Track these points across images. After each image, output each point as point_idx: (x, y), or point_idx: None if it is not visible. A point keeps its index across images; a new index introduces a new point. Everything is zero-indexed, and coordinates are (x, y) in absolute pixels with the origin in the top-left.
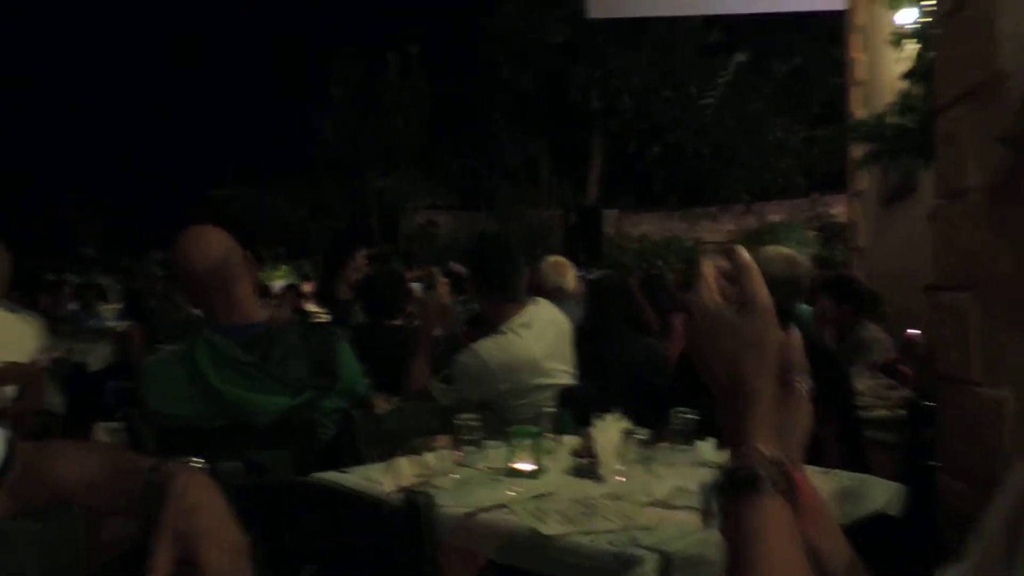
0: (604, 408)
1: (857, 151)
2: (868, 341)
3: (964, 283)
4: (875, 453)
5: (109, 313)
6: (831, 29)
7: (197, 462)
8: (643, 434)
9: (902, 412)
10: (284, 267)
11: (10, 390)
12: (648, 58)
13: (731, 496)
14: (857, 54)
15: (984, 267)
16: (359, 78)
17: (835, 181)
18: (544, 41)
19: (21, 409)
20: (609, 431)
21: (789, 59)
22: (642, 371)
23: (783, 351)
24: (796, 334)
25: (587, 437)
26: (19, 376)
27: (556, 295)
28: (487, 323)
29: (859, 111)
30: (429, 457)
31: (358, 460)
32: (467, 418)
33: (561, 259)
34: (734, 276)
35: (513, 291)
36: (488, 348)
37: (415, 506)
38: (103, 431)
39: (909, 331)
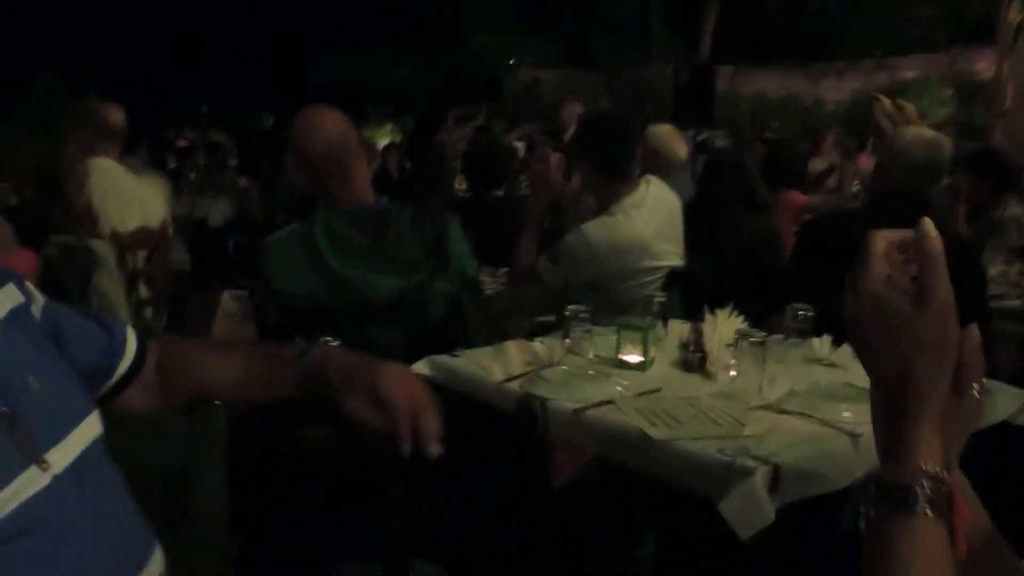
0: (715, 290)
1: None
2: (1006, 221)
3: None
4: (1004, 348)
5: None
6: None
7: (332, 341)
8: (756, 336)
9: None
10: (389, 125)
11: (141, 253)
12: None
13: (881, 511)
14: None
15: None
16: None
17: (984, 32)
18: None
19: (152, 271)
20: (721, 327)
21: None
22: (755, 250)
23: (961, 351)
24: (975, 333)
25: (697, 331)
26: (149, 240)
27: (666, 166)
28: (597, 203)
29: None
30: (538, 345)
31: (468, 342)
32: (576, 309)
33: (670, 128)
34: (911, 257)
35: (625, 172)
36: (596, 229)
37: (530, 412)
38: (229, 298)
39: None
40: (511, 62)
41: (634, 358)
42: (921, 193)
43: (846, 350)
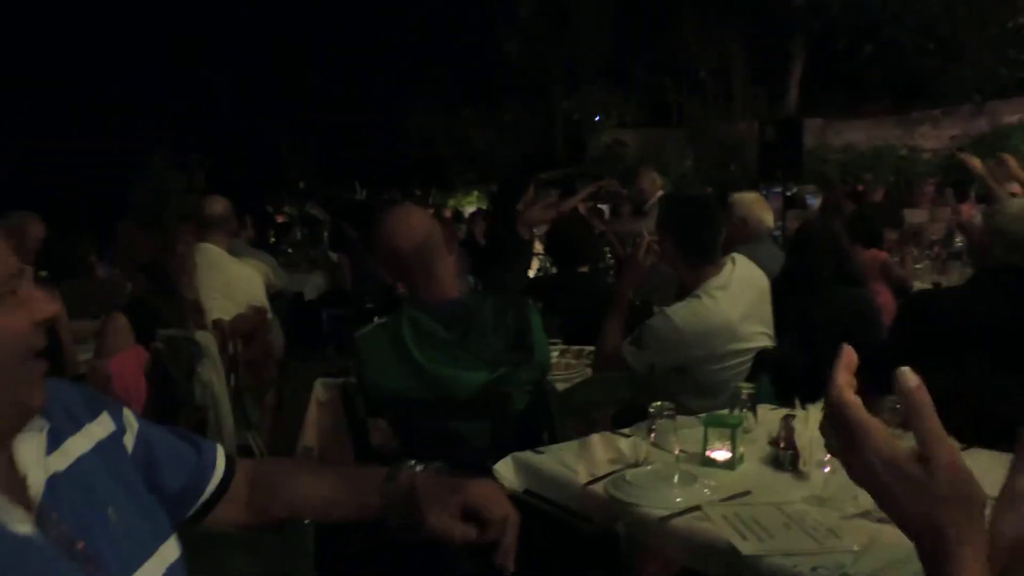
0: (807, 371)
1: None
2: None
3: None
4: None
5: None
6: None
7: (417, 466)
8: None
9: None
10: (476, 192)
11: (239, 339)
12: None
13: None
14: None
15: None
16: None
17: None
18: None
19: (251, 355)
20: (814, 421)
21: None
22: (852, 327)
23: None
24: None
25: (788, 427)
26: (248, 325)
27: (753, 236)
28: (682, 286)
29: None
30: (623, 441)
31: (552, 432)
32: (661, 405)
33: (756, 196)
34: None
35: (710, 255)
36: (682, 314)
37: (614, 535)
38: (321, 386)
39: None
40: (596, 119)
41: (722, 455)
42: None
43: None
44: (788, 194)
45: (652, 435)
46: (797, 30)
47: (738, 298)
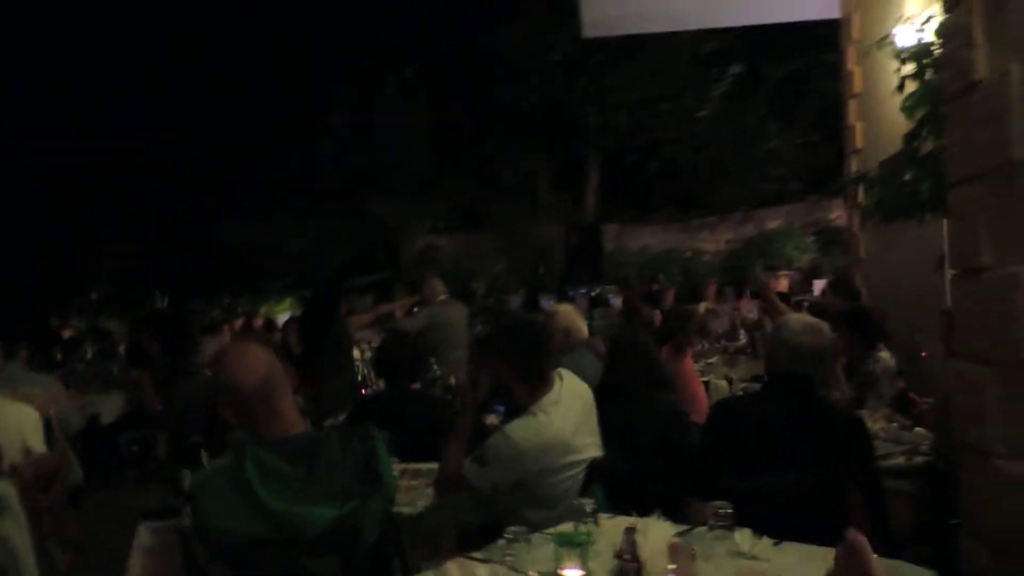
0: (632, 476)
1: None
2: (878, 374)
3: (984, 357)
4: (893, 504)
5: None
6: (826, 35)
7: None
8: (690, 536)
9: (918, 459)
10: (289, 299)
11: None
12: (644, 72)
13: None
14: (852, 66)
15: (1007, 343)
16: (358, 104)
17: (831, 181)
18: (542, 60)
19: (52, 502)
20: (653, 534)
21: (784, 65)
22: (667, 432)
23: None
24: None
25: (630, 540)
26: (51, 467)
27: (574, 345)
28: (517, 403)
29: (857, 123)
30: (481, 570)
31: (403, 561)
32: (515, 531)
33: (572, 307)
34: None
35: (544, 373)
36: (520, 431)
37: None
38: (146, 531)
39: (923, 352)
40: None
41: (574, 573)
42: (809, 376)
43: (766, 543)
44: (592, 294)
45: (508, 558)
46: (591, 146)
47: (569, 411)
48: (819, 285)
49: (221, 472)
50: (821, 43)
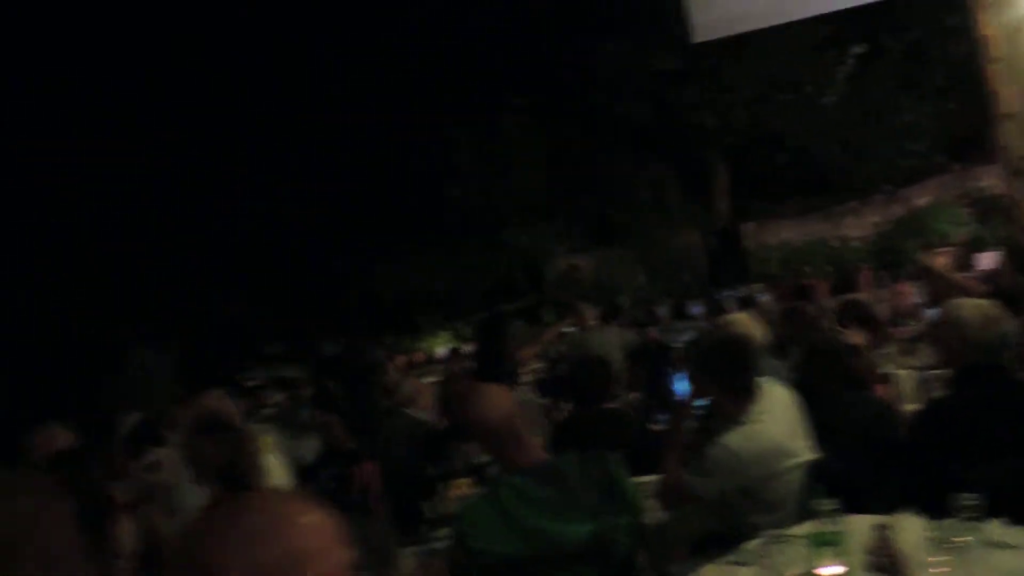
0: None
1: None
2: None
3: None
4: None
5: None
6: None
7: None
8: (941, 530)
9: None
10: (443, 333)
11: None
12: (757, 68)
13: None
14: (987, 29)
15: None
16: (480, 141)
17: (977, 149)
18: (650, 71)
19: None
20: (904, 530)
21: (903, 36)
22: (874, 431)
23: None
24: None
25: (883, 537)
26: None
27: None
28: (723, 415)
29: (1001, 88)
30: (742, 572)
31: (658, 571)
32: (771, 532)
33: (744, 316)
34: None
35: (752, 389)
36: (736, 440)
37: None
38: (411, 555)
39: None
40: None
41: (832, 571)
42: (1002, 365)
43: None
44: (740, 296)
45: (763, 560)
46: (713, 147)
47: (780, 417)
48: (984, 259)
49: (482, 500)
50: (940, 8)
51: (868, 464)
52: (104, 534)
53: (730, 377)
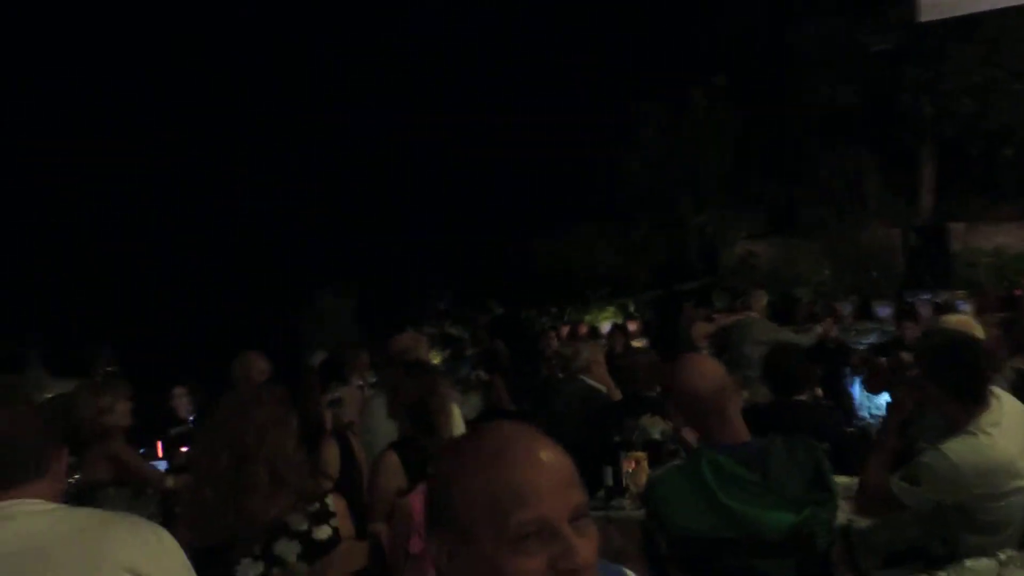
0: None
1: None
2: None
3: None
4: None
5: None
6: None
7: None
8: None
9: None
10: (610, 308)
11: None
12: (991, 52)
13: None
14: None
15: None
16: (666, 117)
17: None
18: (860, 51)
19: None
20: None
21: None
22: None
23: None
24: None
25: None
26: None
27: None
28: (952, 424)
29: None
30: None
31: (858, 571)
32: (1010, 553)
33: (963, 319)
34: None
35: (981, 394)
36: (959, 451)
37: None
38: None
39: None
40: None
41: None
42: None
43: None
44: (938, 301)
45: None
46: (926, 137)
47: (1012, 433)
48: None
49: (677, 471)
50: None
51: None
52: (317, 453)
53: (961, 381)
